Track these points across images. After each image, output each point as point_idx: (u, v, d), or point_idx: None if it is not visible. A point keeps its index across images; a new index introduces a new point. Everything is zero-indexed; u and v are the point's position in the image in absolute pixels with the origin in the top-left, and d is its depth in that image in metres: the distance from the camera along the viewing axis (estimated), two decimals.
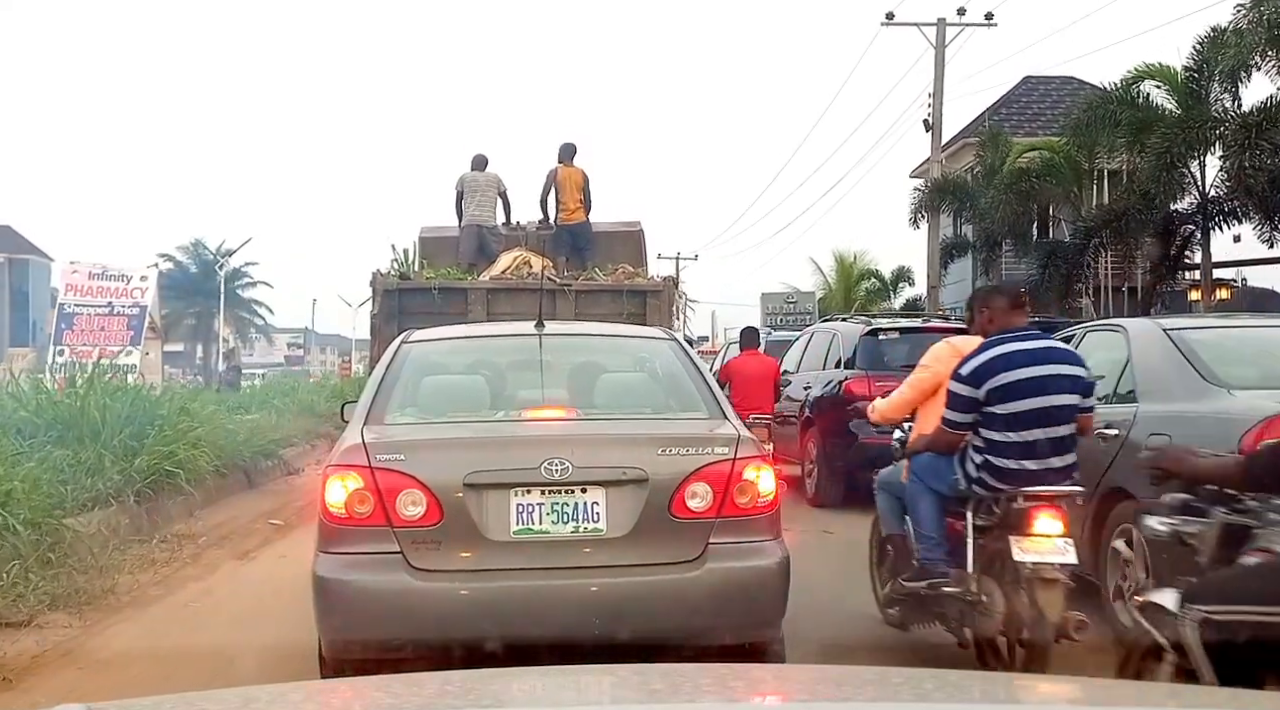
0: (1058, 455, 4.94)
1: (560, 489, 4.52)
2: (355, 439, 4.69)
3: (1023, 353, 4.97)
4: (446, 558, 4.48)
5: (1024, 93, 32.57)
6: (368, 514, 4.47)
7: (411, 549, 4.45)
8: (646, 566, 4.53)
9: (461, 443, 4.89)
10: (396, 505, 4.45)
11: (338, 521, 4.53)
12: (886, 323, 11.86)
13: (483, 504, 4.50)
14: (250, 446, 12.71)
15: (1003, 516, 4.90)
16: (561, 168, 13.57)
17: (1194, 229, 18.69)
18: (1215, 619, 2.98)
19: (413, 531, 4.46)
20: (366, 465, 4.51)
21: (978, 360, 4.99)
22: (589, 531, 4.53)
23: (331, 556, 4.55)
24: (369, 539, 4.48)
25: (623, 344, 6.44)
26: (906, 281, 36.90)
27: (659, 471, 4.58)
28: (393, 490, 4.46)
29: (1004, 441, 4.92)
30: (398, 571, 4.44)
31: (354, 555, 4.51)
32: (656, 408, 5.45)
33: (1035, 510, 4.80)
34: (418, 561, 4.45)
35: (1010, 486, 4.89)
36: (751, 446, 4.76)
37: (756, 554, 4.64)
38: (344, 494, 4.50)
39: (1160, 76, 18.93)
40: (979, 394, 4.94)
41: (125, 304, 28.00)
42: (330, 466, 4.69)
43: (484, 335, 7.03)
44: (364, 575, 4.49)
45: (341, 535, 4.54)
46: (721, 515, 4.57)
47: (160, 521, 9.14)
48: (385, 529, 4.45)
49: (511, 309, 10.98)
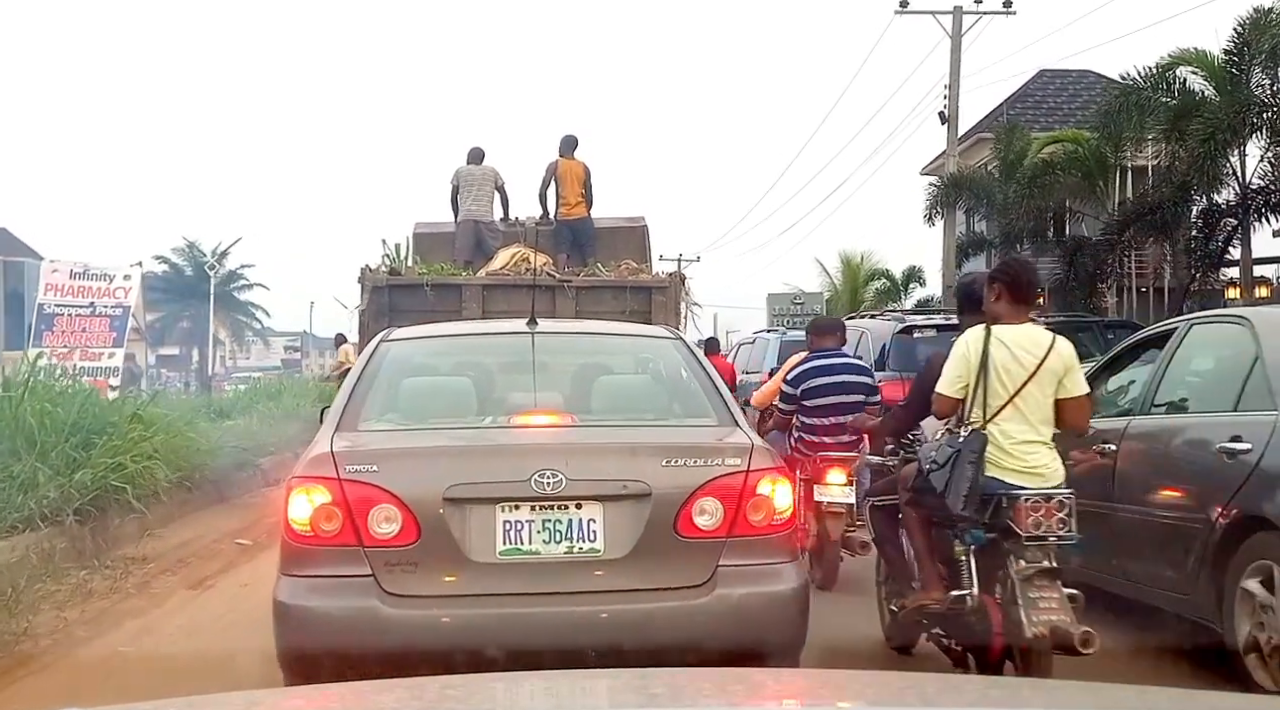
0: (844, 434, 7.14)
1: (552, 504, 4.15)
2: (323, 448, 4.33)
3: (826, 366, 7.47)
4: (424, 581, 4.11)
5: (1039, 86, 32.02)
6: (335, 532, 4.11)
7: (385, 572, 4.08)
8: (648, 592, 4.17)
9: (442, 452, 4.51)
10: (368, 522, 4.09)
11: (301, 540, 4.16)
12: (921, 320, 10.79)
13: (465, 521, 4.13)
14: (221, 456, 11.62)
15: (811, 472, 7.21)
16: (562, 161, 13.07)
17: (1236, 222, 17.62)
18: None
19: (386, 552, 4.09)
20: (334, 477, 4.14)
21: (797, 370, 7.54)
22: (584, 552, 4.16)
23: (294, 580, 4.18)
24: (336, 560, 4.12)
25: (623, 343, 6.03)
26: (918, 282, 36.11)
27: (663, 485, 4.21)
28: (364, 505, 4.09)
29: (811, 423, 7.40)
30: (369, 597, 4.07)
31: (319, 578, 4.15)
32: (660, 414, 5.09)
33: (828, 467, 7.16)
34: (391, 586, 4.08)
35: (813, 452, 7.30)
36: (766, 457, 4.38)
37: (772, 578, 4.25)
38: (309, 509, 4.14)
39: (1197, 62, 17.98)
40: (797, 392, 7.42)
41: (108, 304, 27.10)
42: (294, 478, 4.31)
43: (471, 333, 6.61)
44: (330, 601, 4.12)
45: (306, 556, 4.17)
46: (733, 534, 4.21)
47: (106, 544, 8.07)
48: (355, 549, 4.09)
49: (508, 306, 10.58)
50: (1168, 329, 5.93)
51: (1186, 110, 17.55)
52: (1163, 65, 18.35)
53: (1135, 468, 5.60)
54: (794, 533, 4.48)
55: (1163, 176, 18.23)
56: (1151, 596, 5.44)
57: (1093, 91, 30.67)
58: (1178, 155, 17.52)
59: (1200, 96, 17.75)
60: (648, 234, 13.32)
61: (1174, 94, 18.24)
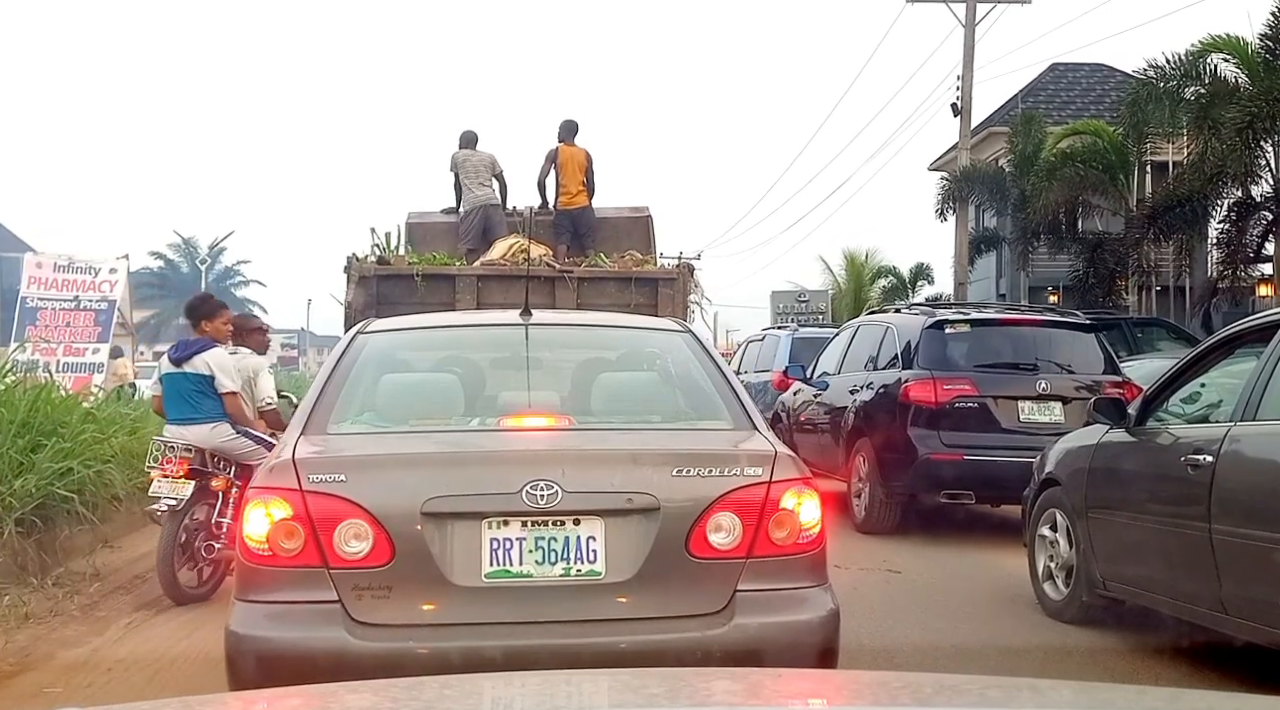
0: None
1: (547, 520, 3.70)
2: (284, 454, 3.86)
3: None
4: (399, 609, 3.66)
5: (1051, 80, 31.70)
6: (297, 551, 3.64)
7: (353, 597, 3.62)
8: (657, 621, 3.72)
9: (421, 459, 3.98)
10: (334, 540, 3.62)
11: (258, 561, 3.69)
12: (954, 314, 9.95)
13: (447, 539, 3.67)
14: None
15: None
16: (563, 147, 12.47)
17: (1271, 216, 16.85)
18: None
19: (355, 574, 3.62)
20: (296, 488, 3.66)
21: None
22: (583, 575, 3.70)
23: (250, 606, 3.70)
24: (298, 584, 3.65)
25: (627, 336, 5.41)
26: (926, 279, 35.39)
27: (673, 498, 3.75)
28: (330, 520, 3.62)
29: None
30: (335, 627, 3.60)
31: (278, 605, 3.68)
32: (669, 416, 4.60)
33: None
34: (361, 614, 3.62)
35: None
36: (791, 466, 3.89)
37: (797, 606, 3.80)
38: (266, 525, 3.66)
39: (1230, 48, 17.24)
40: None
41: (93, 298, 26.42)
42: (250, 489, 3.85)
43: (458, 325, 6.01)
44: (290, 631, 3.65)
45: (263, 578, 3.69)
46: (753, 555, 3.76)
47: (53, 559, 7.24)
48: (319, 571, 3.63)
49: (504, 299, 10.01)
50: (1269, 322, 5.09)
51: (1219, 99, 16.82)
52: (1194, 52, 17.64)
53: (1240, 483, 4.78)
54: (823, 552, 3.93)
55: (1194, 167, 17.46)
56: (1269, 635, 4.64)
57: (1106, 85, 30.21)
58: (1210, 146, 16.75)
59: (1234, 84, 17.02)
60: (652, 224, 12.73)
61: (1205, 83, 17.51)
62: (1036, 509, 6.54)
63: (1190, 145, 19.12)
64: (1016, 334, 9.79)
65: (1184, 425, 5.45)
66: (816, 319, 29.03)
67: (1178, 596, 5.24)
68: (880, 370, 9.92)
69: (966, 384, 9.12)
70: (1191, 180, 17.53)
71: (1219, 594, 4.81)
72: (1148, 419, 5.69)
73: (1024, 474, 7.06)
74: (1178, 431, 5.38)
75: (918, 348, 9.42)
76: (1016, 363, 9.49)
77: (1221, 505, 4.76)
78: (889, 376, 9.64)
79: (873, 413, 9.74)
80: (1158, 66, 18.15)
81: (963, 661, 5.44)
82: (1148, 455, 5.55)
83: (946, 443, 9.02)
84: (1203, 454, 4.92)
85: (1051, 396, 9.11)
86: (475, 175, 12.34)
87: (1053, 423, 8.91)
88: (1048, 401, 9.10)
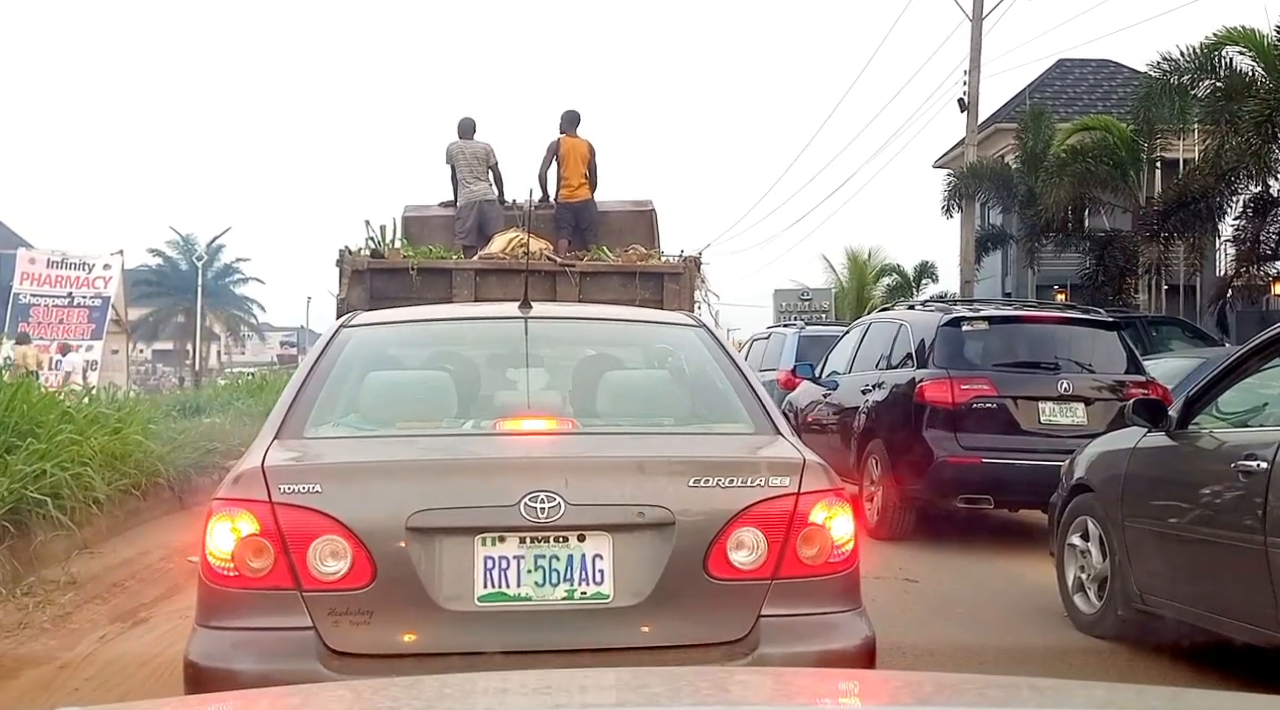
0: None
1: (548, 536, 3.36)
2: (254, 461, 3.48)
3: None
4: (381, 637, 3.31)
5: (1058, 76, 31.62)
6: (265, 571, 3.31)
7: (329, 624, 3.28)
8: (671, 650, 3.37)
9: (406, 468, 3.61)
10: (308, 559, 3.29)
11: (222, 581, 3.34)
12: (970, 311, 9.59)
13: (435, 558, 3.33)
14: (184, 457, 10.43)
15: None
16: (564, 138, 12.20)
17: None
18: None
19: (331, 597, 3.29)
20: (265, 500, 3.32)
21: None
22: (589, 598, 3.36)
23: (212, 633, 3.37)
24: (267, 608, 3.33)
25: (636, 331, 5.09)
26: (930, 278, 35.10)
27: (690, 511, 3.41)
28: (303, 537, 3.29)
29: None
30: (308, 658, 3.25)
31: (244, 631, 3.34)
32: (683, 418, 4.21)
33: None
34: (338, 642, 3.28)
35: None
36: (821, 475, 3.56)
37: (828, 634, 3.46)
38: (232, 541, 3.32)
39: (1245, 41, 16.90)
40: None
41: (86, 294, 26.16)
42: (214, 500, 3.48)
43: (451, 318, 5.58)
44: (258, 663, 3.27)
45: (227, 602, 3.35)
46: (779, 576, 3.43)
47: (25, 566, 6.87)
48: (291, 593, 3.30)
49: (503, 294, 9.61)
50: None
51: (1235, 93, 16.48)
52: (1208, 45, 17.29)
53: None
54: (856, 573, 3.59)
55: (1209, 163, 17.12)
56: None
57: (1113, 81, 30.00)
58: (1226, 140, 16.41)
59: (1250, 78, 16.68)
60: (656, 218, 12.45)
61: (1220, 76, 17.16)
62: (1066, 517, 6.19)
63: (1204, 141, 18.79)
64: (1036, 332, 9.44)
65: (1232, 429, 5.09)
66: (820, 317, 28.75)
67: (1227, 613, 4.89)
68: (894, 369, 9.57)
69: (985, 384, 8.77)
70: (1204, 176, 17.20)
71: (1276, 612, 4.45)
72: (1189, 422, 5.33)
73: (1044, 478, 6.73)
74: (1225, 436, 5.03)
75: (933, 346, 9.07)
76: (1037, 362, 9.14)
77: (1277, 517, 4.40)
78: (903, 376, 9.29)
79: (886, 413, 9.39)
80: (1170, 60, 17.82)
81: None
82: (1193, 461, 5.19)
83: (964, 445, 8.67)
84: (1256, 460, 4.57)
85: (1073, 397, 8.76)
86: (470, 169, 12.09)
87: (1075, 424, 8.57)
88: (1070, 402, 8.74)
